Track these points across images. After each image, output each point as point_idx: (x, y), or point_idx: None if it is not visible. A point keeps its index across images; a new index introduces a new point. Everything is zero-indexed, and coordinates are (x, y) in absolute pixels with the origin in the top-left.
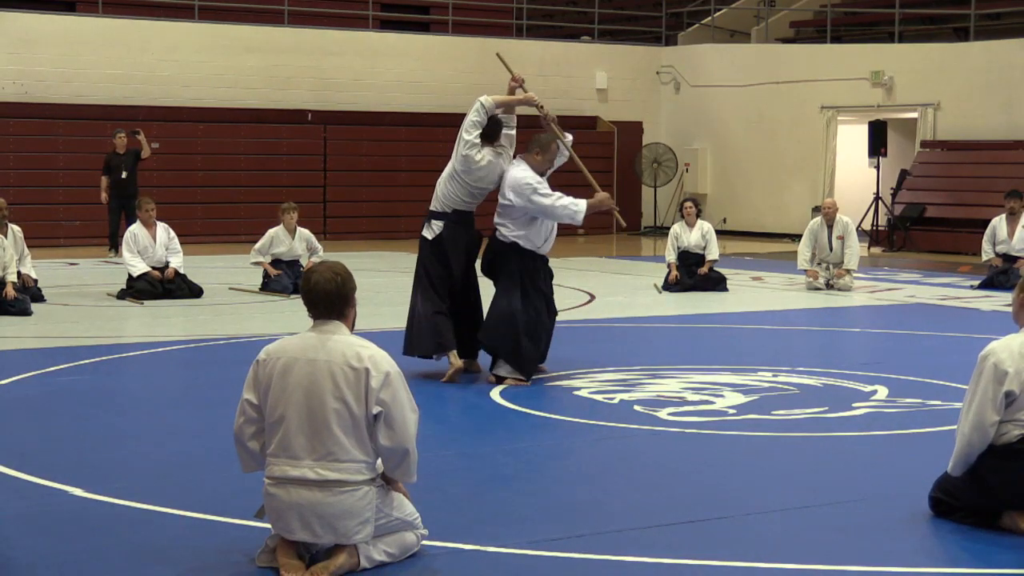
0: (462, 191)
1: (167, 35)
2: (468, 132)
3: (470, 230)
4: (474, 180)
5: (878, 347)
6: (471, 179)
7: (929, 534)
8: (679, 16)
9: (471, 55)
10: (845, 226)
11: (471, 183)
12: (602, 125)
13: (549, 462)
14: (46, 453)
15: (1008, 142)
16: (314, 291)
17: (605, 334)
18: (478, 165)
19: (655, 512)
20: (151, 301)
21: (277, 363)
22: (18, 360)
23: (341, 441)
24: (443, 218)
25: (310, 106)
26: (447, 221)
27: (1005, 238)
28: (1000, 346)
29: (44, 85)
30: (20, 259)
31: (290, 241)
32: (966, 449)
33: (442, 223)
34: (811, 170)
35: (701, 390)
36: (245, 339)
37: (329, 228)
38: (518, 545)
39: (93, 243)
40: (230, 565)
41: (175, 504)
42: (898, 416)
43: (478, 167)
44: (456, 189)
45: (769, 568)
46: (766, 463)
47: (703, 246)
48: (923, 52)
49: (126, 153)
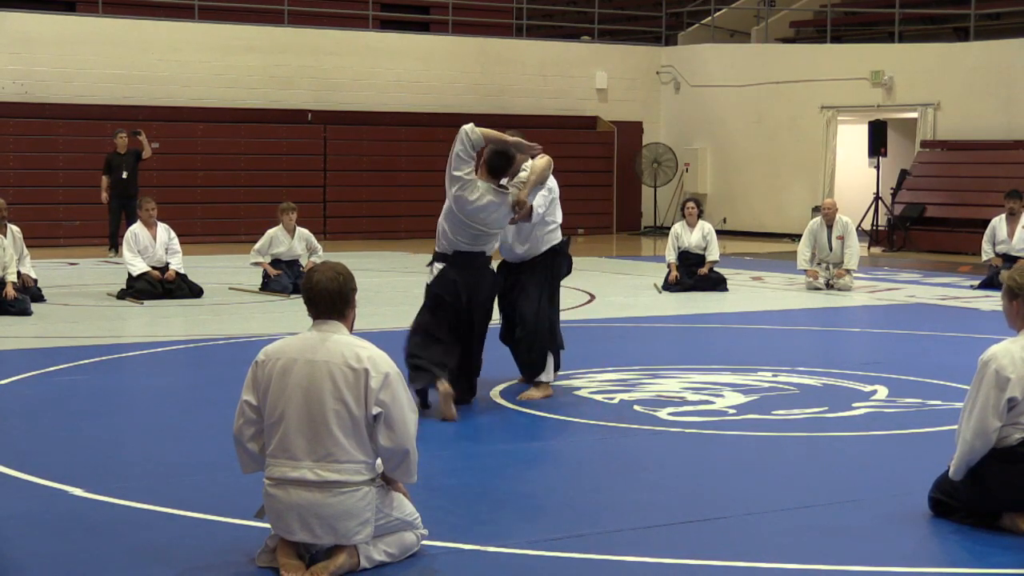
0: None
1: (167, 35)
2: (457, 166)
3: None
4: (475, 222)
5: (878, 347)
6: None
7: (929, 534)
8: (679, 16)
9: (471, 55)
10: (845, 226)
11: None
12: (602, 125)
13: (549, 462)
14: (46, 453)
15: (1008, 142)
16: (315, 290)
17: (605, 334)
18: (474, 205)
19: (655, 512)
20: (151, 301)
21: (276, 364)
22: (18, 360)
23: (340, 442)
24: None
25: (310, 106)
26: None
27: (1005, 238)
28: (1001, 351)
29: (44, 85)
30: (20, 259)
31: (289, 241)
32: (968, 455)
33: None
34: (811, 170)
35: (701, 390)
36: (245, 339)
37: (329, 228)
38: (518, 545)
39: (93, 243)
40: (230, 565)
41: (175, 504)
42: (898, 416)
43: (474, 207)
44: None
45: (769, 568)
46: (766, 463)
47: (703, 247)
48: (923, 52)
49: (127, 153)
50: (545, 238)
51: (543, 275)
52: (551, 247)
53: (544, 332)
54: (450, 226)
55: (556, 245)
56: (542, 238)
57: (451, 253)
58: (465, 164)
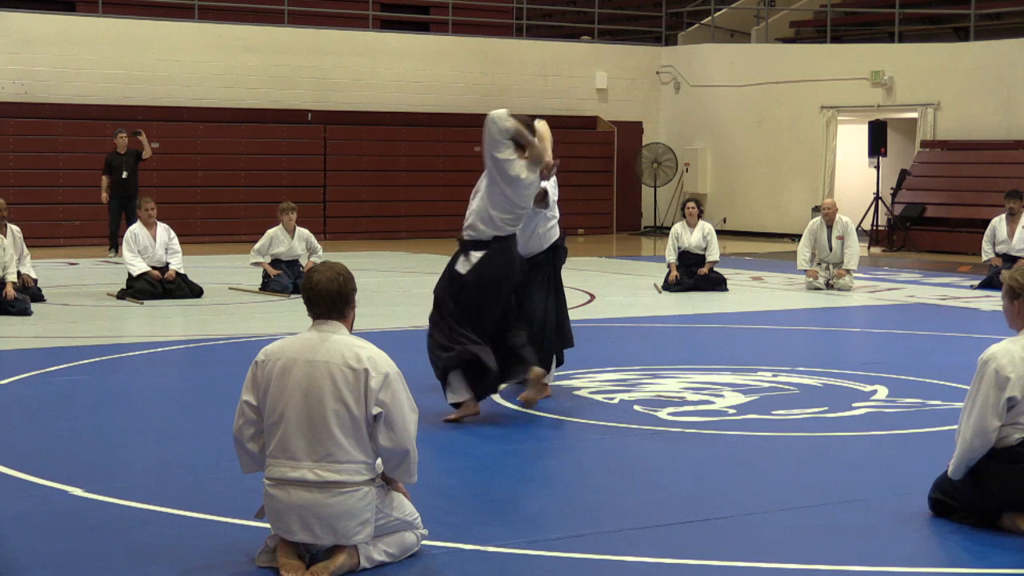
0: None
1: (167, 35)
2: (498, 151)
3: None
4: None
5: (878, 347)
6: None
7: (929, 534)
8: (679, 16)
9: (471, 55)
10: (845, 226)
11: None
12: (602, 125)
13: (549, 462)
14: (46, 453)
15: (1008, 142)
16: (315, 290)
17: (605, 334)
18: (523, 183)
19: (655, 512)
20: (151, 301)
21: (276, 364)
22: (18, 360)
23: (340, 442)
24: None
25: (310, 106)
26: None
27: (1005, 238)
28: (1001, 351)
29: (44, 85)
30: (20, 259)
31: (289, 241)
32: (967, 454)
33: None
34: (811, 170)
35: (701, 390)
36: (245, 339)
37: (329, 228)
38: (518, 545)
39: (93, 243)
40: (230, 565)
41: (175, 504)
42: (898, 416)
43: (523, 184)
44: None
45: (769, 568)
46: (766, 463)
47: (704, 247)
48: (923, 52)
49: (127, 153)
50: (547, 235)
51: (546, 273)
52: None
53: (551, 332)
54: (498, 211)
55: (556, 241)
56: (544, 235)
57: (490, 239)
58: (505, 146)
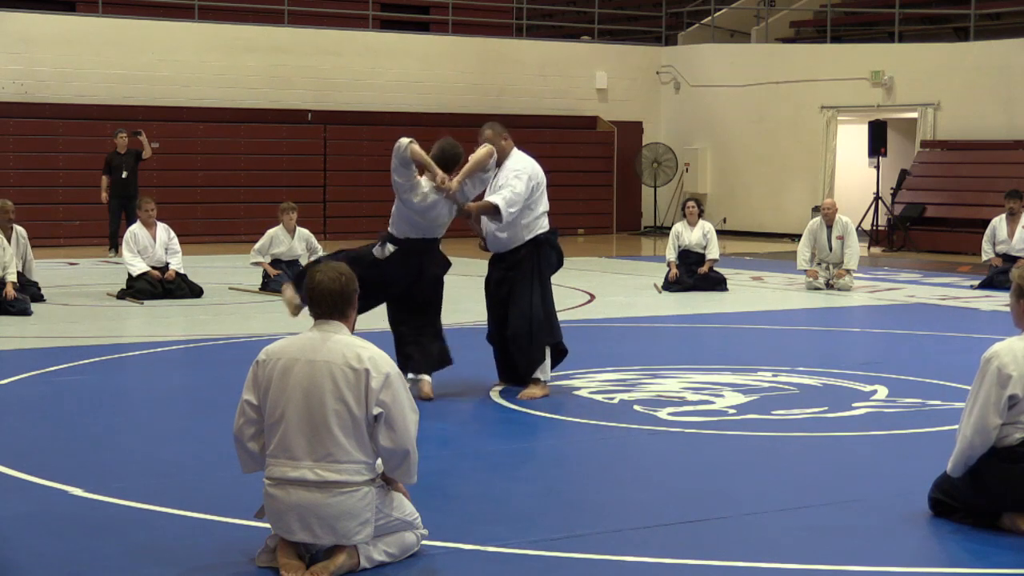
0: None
1: (167, 35)
2: (398, 174)
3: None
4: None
5: (878, 347)
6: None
7: (929, 534)
8: (679, 16)
9: (471, 55)
10: (845, 226)
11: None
12: (602, 125)
13: (549, 462)
14: (46, 453)
15: (1008, 142)
16: (318, 290)
17: (605, 334)
18: (421, 205)
19: (655, 512)
20: (151, 301)
21: (277, 364)
22: (18, 360)
23: (341, 442)
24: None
25: (310, 106)
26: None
27: (1005, 238)
28: (1004, 349)
29: (44, 85)
30: (25, 262)
31: (289, 241)
32: (967, 451)
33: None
34: (811, 170)
35: (701, 390)
36: (245, 339)
37: (329, 228)
38: (518, 545)
39: (93, 243)
40: (230, 565)
41: (175, 504)
42: (898, 416)
43: (422, 206)
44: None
45: (769, 568)
46: (766, 463)
47: (704, 245)
48: (923, 52)
49: (127, 153)
50: (529, 225)
51: (530, 268)
52: (535, 237)
53: (540, 324)
54: (404, 221)
55: (541, 236)
56: (524, 225)
57: (403, 239)
58: (403, 173)
